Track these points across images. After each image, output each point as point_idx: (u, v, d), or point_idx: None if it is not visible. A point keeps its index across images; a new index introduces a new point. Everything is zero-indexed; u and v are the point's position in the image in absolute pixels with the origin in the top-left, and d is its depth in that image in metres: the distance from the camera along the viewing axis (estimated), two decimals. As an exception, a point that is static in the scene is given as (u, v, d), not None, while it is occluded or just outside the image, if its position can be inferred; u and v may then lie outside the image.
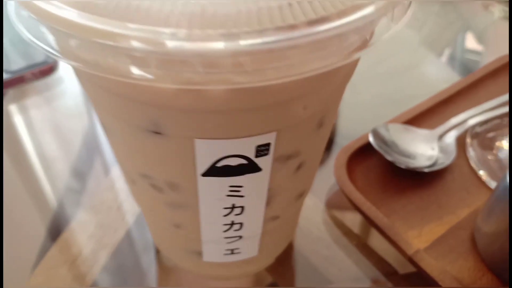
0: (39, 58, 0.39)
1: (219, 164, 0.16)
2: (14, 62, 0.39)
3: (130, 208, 0.31)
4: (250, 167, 0.17)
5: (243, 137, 0.15)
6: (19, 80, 0.38)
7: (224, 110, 0.14)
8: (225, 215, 0.19)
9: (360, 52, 0.13)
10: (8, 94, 0.39)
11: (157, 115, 0.14)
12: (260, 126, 0.15)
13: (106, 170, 0.34)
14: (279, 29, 0.11)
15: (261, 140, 0.15)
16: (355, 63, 0.17)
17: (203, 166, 0.16)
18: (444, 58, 0.50)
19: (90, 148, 0.36)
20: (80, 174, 0.34)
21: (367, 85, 0.43)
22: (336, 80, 0.15)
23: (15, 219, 0.31)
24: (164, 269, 0.29)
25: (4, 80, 0.37)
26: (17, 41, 0.41)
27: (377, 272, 0.28)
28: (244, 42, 0.11)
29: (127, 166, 0.19)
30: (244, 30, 0.11)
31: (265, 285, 0.28)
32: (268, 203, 0.19)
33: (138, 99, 0.14)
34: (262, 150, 0.16)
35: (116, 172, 0.34)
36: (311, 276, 0.28)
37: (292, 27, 0.11)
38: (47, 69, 0.38)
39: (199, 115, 0.14)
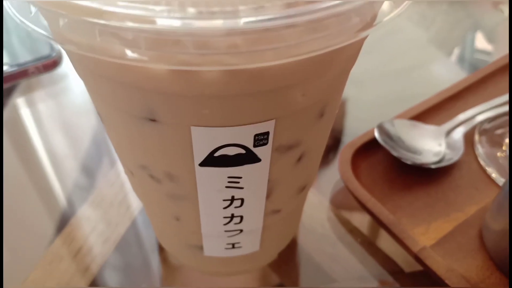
0: (44, 52, 0.39)
1: (217, 154, 0.16)
2: (21, 56, 0.39)
3: (138, 203, 0.31)
4: (249, 157, 0.16)
5: (241, 125, 0.15)
6: (23, 74, 0.37)
7: (220, 95, 0.13)
8: (224, 208, 0.19)
9: (360, 34, 0.12)
10: (14, 88, 0.39)
11: (151, 101, 0.14)
12: (258, 113, 0.14)
13: (113, 165, 0.34)
14: (275, 6, 0.11)
15: (259, 128, 0.15)
16: (356, 50, 0.16)
17: (200, 155, 0.16)
18: (453, 57, 0.50)
19: (97, 143, 0.36)
20: (88, 169, 0.34)
21: (375, 84, 0.42)
22: (336, 65, 0.15)
23: (22, 214, 0.31)
24: (168, 267, 0.28)
25: (6, 74, 0.37)
26: (23, 35, 0.41)
27: (382, 271, 0.27)
28: (238, 21, 0.11)
29: (125, 157, 0.19)
30: (239, 8, 0.11)
31: (269, 284, 0.27)
32: (269, 195, 0.19)
33: (131, 84, 0.13)
34: (260, 139, 0.16)
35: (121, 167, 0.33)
36: (315, 274, 0.28)
37: (289, 4, 0.11)
38: (50, 64, 0.38)
39: (195, 101, 0.13)
